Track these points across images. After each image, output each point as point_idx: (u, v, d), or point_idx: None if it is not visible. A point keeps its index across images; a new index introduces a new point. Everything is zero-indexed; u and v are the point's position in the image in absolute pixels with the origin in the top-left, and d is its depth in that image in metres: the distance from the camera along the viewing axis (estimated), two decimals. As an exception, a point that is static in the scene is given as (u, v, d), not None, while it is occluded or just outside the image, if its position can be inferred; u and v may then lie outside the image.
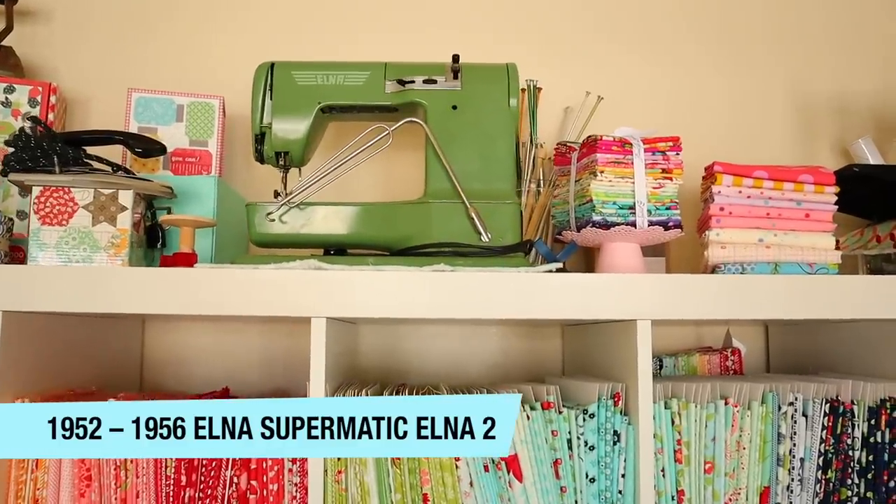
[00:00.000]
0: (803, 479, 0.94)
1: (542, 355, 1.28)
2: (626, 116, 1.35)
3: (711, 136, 1.38)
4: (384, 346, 1.27)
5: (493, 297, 0.88)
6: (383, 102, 1.02)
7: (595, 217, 0.99)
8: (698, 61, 1.40)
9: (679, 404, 0.92)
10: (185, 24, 1.34)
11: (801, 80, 1.41)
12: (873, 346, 1.06)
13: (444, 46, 1.35)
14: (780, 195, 1.00)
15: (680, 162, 1.02)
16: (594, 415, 0.91)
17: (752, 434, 0.93)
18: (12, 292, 0.86)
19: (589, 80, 1.37)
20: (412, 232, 0.98)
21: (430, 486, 0.89)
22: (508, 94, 1.01)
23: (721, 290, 0.91)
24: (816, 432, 0.94)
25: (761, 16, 1.42)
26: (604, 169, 0.99)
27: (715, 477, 0.92)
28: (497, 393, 0.95)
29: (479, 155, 1.00)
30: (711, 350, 1.20)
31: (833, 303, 0.93)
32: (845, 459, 0.94)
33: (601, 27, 1.39)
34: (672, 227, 1.00)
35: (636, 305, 0.89)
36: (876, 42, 1.43)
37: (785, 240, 0.99)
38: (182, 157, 1.17)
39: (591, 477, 0.90)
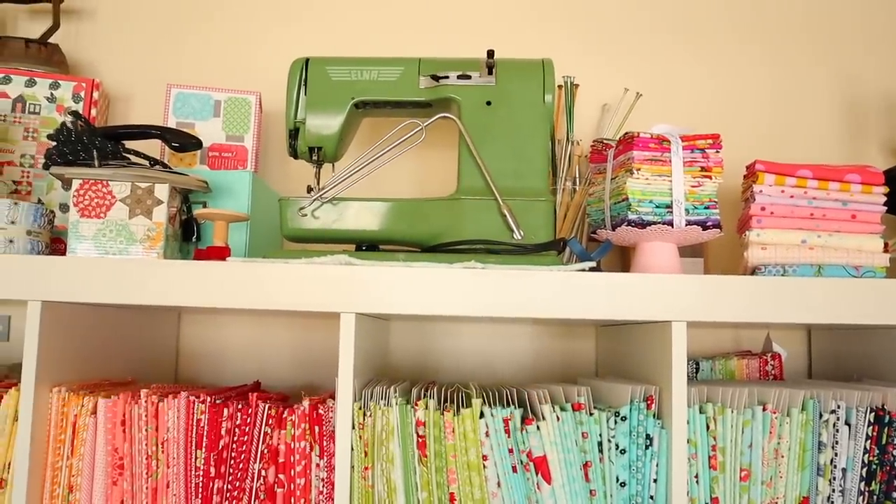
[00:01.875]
0: (845, 490, 0.90)
1: (575, 356, 1.26)
2: (666, 114, 1.33)
3: (754, 134, 1.34)
4: (416, 343, 1.26)
5: (524, 296, 0.86)
6: (417, 98, 1.01)
7: (631, 215, 0.96)
8: (740, 57, 1.36)
9: (715, 409, 0.90)
10: (224, 21, 1.36)
11: (849, 77, 1.36)
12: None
13: (480, 42, 1.34)
14: (825, 195, 0.96)
15: (720, 160, 0.99)
16: (626, 417, 0.89)
17: (790, 442, 0.90)
18: (51, 283, 0.88)
19: (627, 77, 1.34)
20: (444, 229, 0.97)
21: (456, 485, 0.88)
22: (544, 89, 1.00)
23: (759, 293, 0.88)
24: (860, 442, 0.91)
25: (806, 9, 1.38)
26: (640, 166, 0.97)
27: (751, 485, 0.89)
28: (527, 392, 0.94)
29: (513, 152, 0.99)
30: (751, 354, 1.17)
31: (879, 308, 0.89)
32: (890, 471, 0.91)
33: (640, 23, 1.36)
34: (711, 227, 0.98)
35: (671, 306, 0.87)
36: None
37: (829, 241, 0.95)
38: (218, 153, 1.18)
39: (622, 481, 0.88)
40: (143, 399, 0.91)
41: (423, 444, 0.89)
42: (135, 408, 0.91)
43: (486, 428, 0.89)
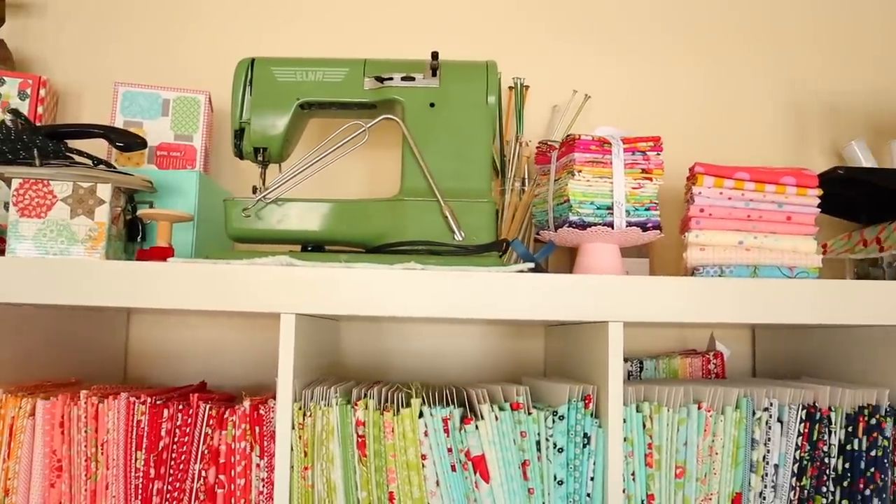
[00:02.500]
0: (777, 485, 0.92)
1: (525, 355, 1.27)
2: (614, 116, 1.34)
3: (701, 136, 1.36)
4: (367, 343, 1.27)
5: (462, 296, 0.87)
6: (361, 99, 1.01)
7: (572, 217, 0.98)
8: (688, 61, 1.38)
9: (651, 408, 0.91)
10: (175, 19, 1.35)
11: (793, 81, 1.38)
12: (856, 351, 1.04)
13: (433, 44, 1.34)
14: (761, 197, 0.98)
15: (660, 162, 1.00)
16: (564, 417, 0.90)
17: (724, 439, 0.92)
18: (-11, 283, 0.87)
19: (579, 79, 1.35)
20: (387, 230, 0.98)
21: (396, 484, 0.89)
22: (487, 91, 1.00)
23: (695, 293, 0.90)
24: (792, 438, 0.93)
25: (751, 15, 1.40)
26: (581, 168, 0.98)
27: (686, 482, 0.91)
28: (466, 392, 0.95)
29: (456, 153, 0.99)
30: (694, 353, 1.19)
31: (813, 308, 0.92)
32: (821, 466, 0.93)
33: (591, 26, 1.38)
34: (651, 229, 0.99)
35: (607, 307, 0.88)
36: (869, 41, 1.40)
37: (765, 242, 0.97)
38: (167, 152, 1.18)
39: (560, 479, 0.90)
40: (83, 400, 0.91)
41: (363, 443, 0.89)
42: (74, 409, 0.91)
43: (425, 427, 0.89)
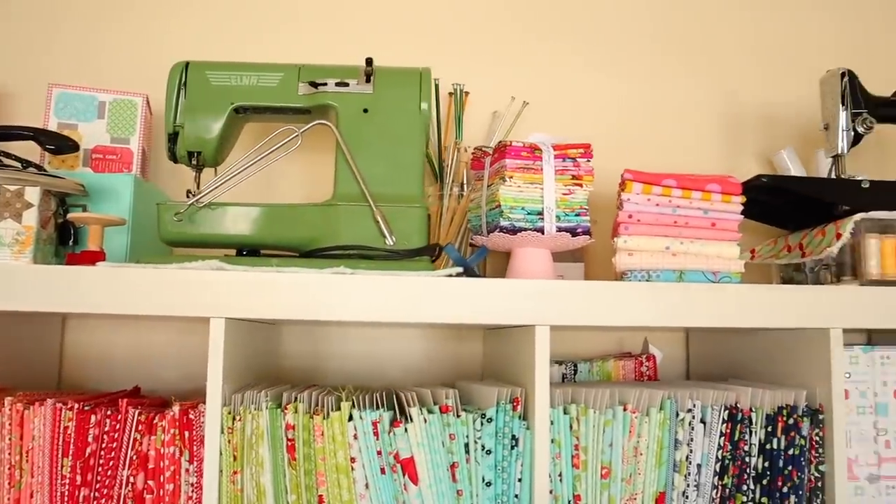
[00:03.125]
0: (700, 484, 0.95)
1: (464, 359, 1.29)
2: (553, 122, 1.36)
3: (639, 143, 1.39)
4: (306, 347, 1.27)
5: (390, 300, 0.88)
6: (296, 104, 1.02)
7: (503, 222, 0.99)
8: (627, 70, 1.41)
9: (578, 409, 0.93)
10: (114, 21, 1.34)
11: (728, 90, 1.42)
12: (779, 353, 1.07)
13: (373, 51, 1.35)
14: (687, 204, 1.01)
15: (591, 169, 1.03)
16: (492, 419, 0.91)
17: (649, 440, 0.94)
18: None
19: (519, 86, 1.37)
20: (320, 234, 0.99)
21: (325, 487, 0.89)
22: (420, 98, 1.02)
23: (621, 297, 0.92)
24: (714, 439, 0.95)
25: (689, 25, 1.43)
26: (513, 174, 1.00)
27: (611, 482, 0.93)
28: (398, 395, 0.96)
29: (388, 158, 1.00)
30: (628, 356, 1.21)
31: (736, 311, 0.94)
32: (742, 465, 0.95)
33: (533, 34, 1.40)
34: (581, 234, 1.01)
35: (533, 311, 0.90)
36: (803, 54, 1.45)
37: (691, 248, 1.00)
38: (103, 155, 1.17)
39: (488, 481, 0.91)
40: (7, 407, 0.90)
41: (293, 447, 0.90)
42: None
43: (354, 430, 0.90)
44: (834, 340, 0.96)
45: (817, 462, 0.97)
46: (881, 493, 1.00)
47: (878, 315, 0.97)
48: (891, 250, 1.02)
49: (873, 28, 1.49)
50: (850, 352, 1.00)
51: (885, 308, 0.97)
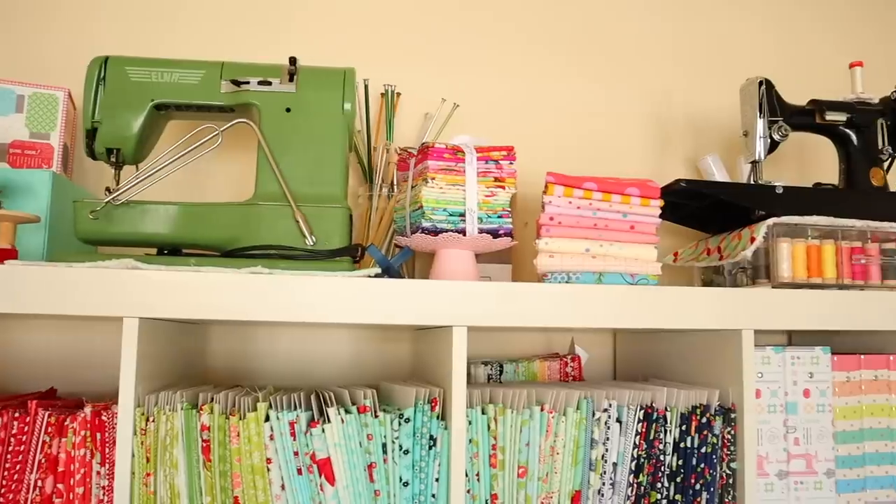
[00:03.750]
0: (615, 483, 0.96)
1: (393, 359, 1.29)
2: (487, 125, 1.37)
3: (572, 146, 1.41)
4: (234, 348, 1.25)
5: (304, 300, 0.88)
6: (218, 102, 1.01)
7: (425, 223, 1.00)
8: (559, 73, 1.43)
9: (496, 410, 0.94)
10: (36, 13, 1.31)
11: (658, 95, 1.45)
12: (696, 354, 1.10)
13: (306, 52, 1.34)
14: (607, 207, 1.02)
15: (514, 171, 1.04)
16: (409, 419, 0.92)
17: (566, 439, 0.95)
18: None
19: (453, 88, 1.38)
20: (240, 233, 0.98)
21: (241, 489, 0.89)
22: (343, 98, 1.01)
23: (537, 298, 0.93)
24: (630, 438, 0.97)
25: (621, 30, 1.46)
26: (435, 176, 1.00)
27: (528, 481, 0.94)
28: (318, 395, 0.96)
29: (311, 158, 1.00)
30: (553, 357, 1.23)
31: (653, 312, 0.96)
32: (656, 464, 0.97)
33: (469, 35, 1.41)
34: (503, 236, 1.02)
35: (450, 312, 0.91)
36: (731, 61, 1.48)
37: (610, 250, 1.01)
38: (21, 150, 1.14)
39: (405, 481, 0.91)
40: (-90, 408, 0.87)
41: (208, 448, 0.89)
42: None
43: (271, 431, 0.89)
44: (745, 341, 0.99)
45: (729, 460, 0.99)
46: (790, 488, 1.03)
47: (789, 316, 1.00)
48: (802, 254, 1.06)
49: (800, 37, 1.54)
50: (762, 352, 1.03)
51: (795, 310, 1.00)
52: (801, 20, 1.54)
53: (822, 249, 1.06)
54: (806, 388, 1.04)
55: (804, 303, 1.00)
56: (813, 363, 1.05)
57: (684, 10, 1.49)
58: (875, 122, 1.16)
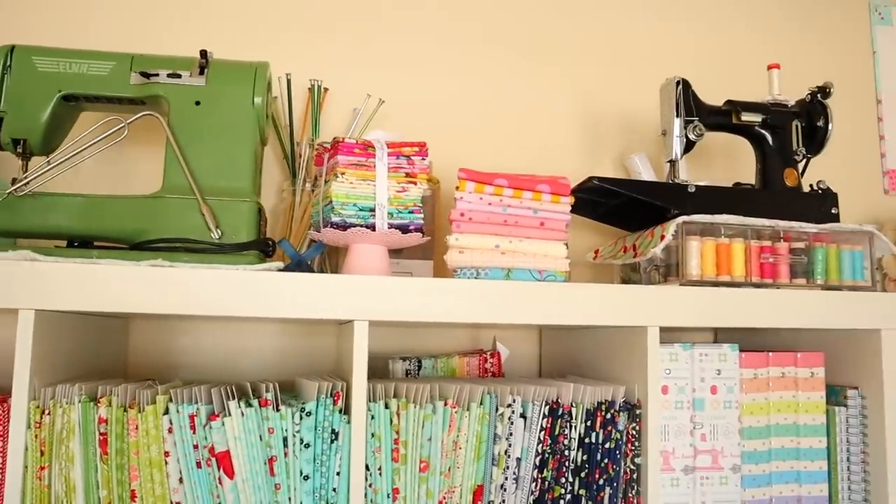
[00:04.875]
0: (519, 477, 0.97)
1: (317, 354, 1.28)
2: (415, 122, 1.37)
3: (502, 144, 1.42)
4: (157, 342, 1.25)
5: (203, 294, 0.88)
6: (128, 94, 1.00)
7: (334, 218, 1.00)
8: (489, 71, 1.43)
9: (399, 404, 0.94)
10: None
11: (589, 94, 1.46)
12: (608, 351, 1.11)
13: (231, 47, 1.34)
14: (518, 203, 1.03)
15: (426, 167, 1.04)
16: (311, 413, 0.92)
17: (468, 434, 0.95)
18: None
19: (383, 84, 1.38)
20: (148, 226, 0.97)
21: (138, 482, 0.88)
22: (254, 92, 1.01)
23: (441, 293, 0.93)
24: (534, 433, 0.97)
25: (555, 30, 1.47)
26: (345, 171, 1.00)
27: (430, 475, 0.94)
28: (218, 390, 0.95)
29: (220, 152, 1.00)
30: (473, 353, 1.23)
31: (559, 308, 0.97)
32: (561, 459, 0.98)
33: (399, 33, 1.41)
34: (413, 231, 1.02)
35: (350, 306, 0.91)
36: (659, 61, 1.50)
37: (519, 247, 1.02)
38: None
39: (306, 474, 0.91)
40: None
41: (105, 441, 0.88)
42: None
43: (170, 424, 0.89)
44: (650, 338, 1.00)
45: (633, 455, 1.00)
46: (696, 483, 1.04)
47: (695, 314, 1.01)
48: (711, 252, 1.07)
49: (728, 39, 1.56)
50: (670, 349, 1.04)
51: (701, 307, 1.01)
52: (728, 21, 1.56)
53: (732, 248, 1.08)
54: (713, 385, 1.06)
55: (710, 300, 1.02)
56: (721, 360, 1.06)
57: (615, 9, 1.50)
58: (790, 124, 1.18)
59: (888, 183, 1.57)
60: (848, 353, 1.14)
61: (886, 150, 1.58)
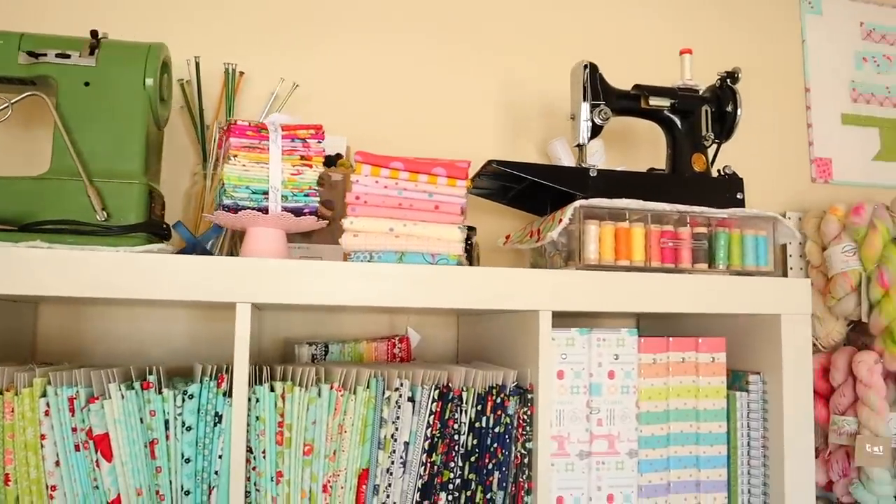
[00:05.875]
0: (407, 461, 0.97)
1: (229, 339, 1.27)
2: (337, 108, 1.36)
3: (424, 132, 1.41)
4: (66, 327, 1.24)
5: (82, 275, 0.87)
6: (15, 74, 0.99)
7: (225, 200, 0.99)
8: (414, 57, 1.42)
9: (284, 387, 0.94)
10: None
11: (512, 80, 1.45)
12: (505, 335, 1.11)
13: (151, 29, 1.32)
14: (413, 186, 1.02)
15: (321, 150, 1.03)
16: (194, 396, 0.91)
17: (354, 418, 0.95)
18: None
19: (306, 69, 1.37)
20: (35, 208, 0.96)
21: (13, 465, 0.88)
22: (145, 73, 1.00)
23: (330, 276, 0.93)
24: (423, 417, 0.97)
25: (475, 16, 1.46)
26: (237, 153, 1.00)
27: (314, 459, 0.94)
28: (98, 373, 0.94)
29: (109, 134, 0.99)
30: (380, 339, 1.23)
31: (453, 292, 0.97)
32: (450, 443, 0.98)
33: (319, 16, 1.40)
34: (307, 214, 1.02)
35: (232, 289, 0.90)
36: (585, 48, 1.49)
37: (414, 230, 1.01)
38: None
39: (187, 457, 0.91)
40: None
41: (-21, 424, 0.88)
42: None
43: (46, 407, 0.89)
44: (542, 323, 0.99)
45: (524, 440, 1.00)
46: (591, 468, 1.04)
47: (588, 298, 1.01)
48: (609, 236, 1.06)
49: (647, 23, 1.55)
50: (566, 334, 1.04)
51: (595, 291, 1.01)
52: (656, 7, 1.56)
53: (632, 232, 1.07)
54: (611, 370, 1.05)
55: (604, 285, 1.01)
56: (619, 345, 1.06)
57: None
58: (700, 109, 1.18)
59: (815, 171, 1.57)
60: (751, 338, 1.14)
61: (814, 139, 1.58)
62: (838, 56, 1.63)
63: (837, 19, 1.64)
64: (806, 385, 1.09)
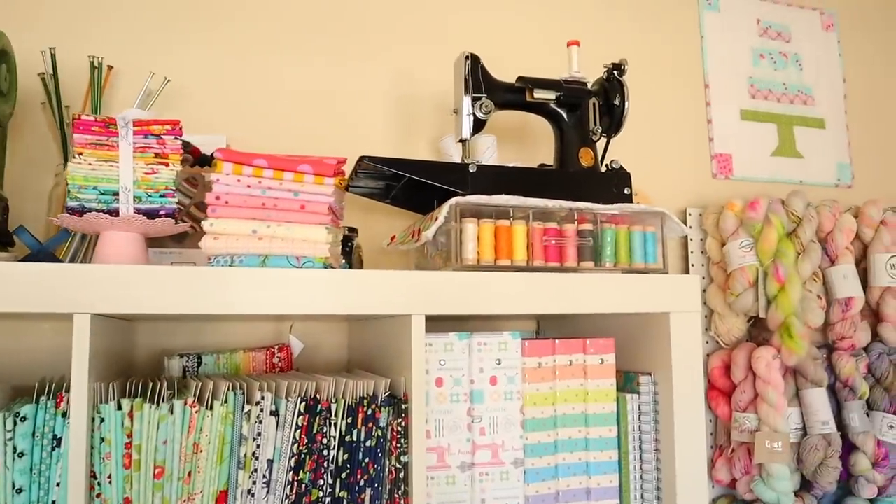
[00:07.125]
0: (271, 481, 0.90)
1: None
2: (220, 104, 1.29)
3: (313, 128, 1.34)
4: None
5: None
6: None
7: (70, 202, 0.91)
8: (300, 50, 1.36)
9: (133, 405, 0.86)
10: None
11: (403, 75, 1.40)
12: (381, 342, 1.05)
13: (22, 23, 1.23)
14: (278, 185, 0.96)
15: (178, 147, 0.96)
16: (27, 418, 0.83)
17: (210, 436, 0.88)
18: None
19: (185, 64, 1.29)
20: None
21: None
22: (-27, 64, 0.92)
23: (177, 283, 0.86)
24: (289, 432, 0.90)
25: (364, 8, 1.40)
26: (82, 150, 0.92)
27: (165, 482, 0.86)
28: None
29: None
30: (258, 348, 1.16)
31: (316, 297, 0.91)
32: (319, 459, 0.91)
33: (206, 12, 1.32)
34: (164, 216, 0.94)
35: (71, 298, 0.82)
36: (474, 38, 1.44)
37: (278, 231, 0.94)
38: None
39: (19, 487, 0.82)
40: None
41: None
42: None
43: None
44: (415, 327, 0.94)
45: (399, 453, 0.94)
46: (474, 480, 0.99)
47: (465, 301, 0.96)
48: (489, 235, 1.01)
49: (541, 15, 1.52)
50: (444, 339, 0.99)
51: (470, 294, 0.96)
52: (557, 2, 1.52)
53: (513, 231, 1.02)
54: (493, 376, 1.01)
55: (480, 286, 0.96)
56: (501, 349, 1.01)
57: (442, -12, 1.44)
58: (587, 102, 1.14)
59: (716, 167, 1.56)
60: (642, 338, 1.10)
61: (714, 134, 1.57)
62: (736, 52, 1.62)
63: (734, 16, 1.63)
64: (697, 384, 1.06)
